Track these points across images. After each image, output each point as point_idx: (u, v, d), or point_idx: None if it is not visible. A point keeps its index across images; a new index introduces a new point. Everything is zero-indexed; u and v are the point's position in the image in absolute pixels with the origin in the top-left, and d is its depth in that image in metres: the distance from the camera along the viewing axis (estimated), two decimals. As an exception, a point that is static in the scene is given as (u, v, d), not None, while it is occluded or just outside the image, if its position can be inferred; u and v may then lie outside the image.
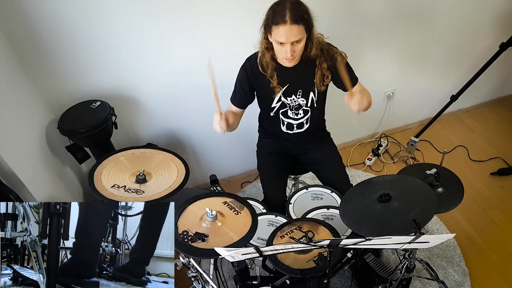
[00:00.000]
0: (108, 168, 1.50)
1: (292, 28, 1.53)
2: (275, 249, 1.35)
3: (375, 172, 2.86)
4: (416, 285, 2.12)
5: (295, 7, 1.53)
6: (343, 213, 1.58)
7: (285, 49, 1.59)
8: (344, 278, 2.15)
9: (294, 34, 1.55)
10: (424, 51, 2.70)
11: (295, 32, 1.54)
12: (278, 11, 1.54)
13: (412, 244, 1.33)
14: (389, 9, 2.37)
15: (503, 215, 2.45)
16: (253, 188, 2.83)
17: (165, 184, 1.47)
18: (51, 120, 2.03)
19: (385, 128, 3.09)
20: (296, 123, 1.91)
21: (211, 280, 1.56)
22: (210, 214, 1.43)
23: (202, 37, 2.09)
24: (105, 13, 1.86)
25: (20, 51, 1.84)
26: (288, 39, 1.56)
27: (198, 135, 2.55)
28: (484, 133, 3.08)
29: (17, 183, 1.58)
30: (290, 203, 1.90)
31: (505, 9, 2.67)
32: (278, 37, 1.57)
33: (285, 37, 1.55)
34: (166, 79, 2.20)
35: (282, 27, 1.53)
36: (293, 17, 1.52)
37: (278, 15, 1.54)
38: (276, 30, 1.56)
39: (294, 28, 1.53)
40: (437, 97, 2.98)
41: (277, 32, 1.56)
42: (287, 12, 1.52)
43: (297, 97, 1.82)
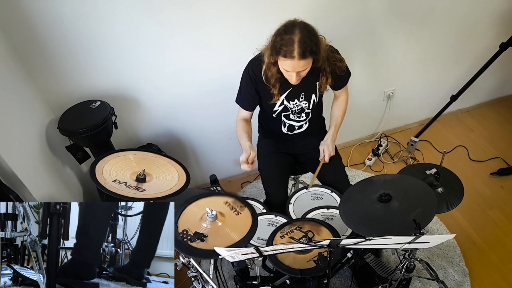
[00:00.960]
0: (110, 165, 1.50)
1: (300, 62, 1.53)
2: (275, 249, 1.35)
3: (375, 172, 2.86)
4: (416, 285, 2.12)
5: (304, 40, 1.48)
6: (342, 211, 1.58)
7: (290, 74, 1.61)
8: (344, 278, 2.15)
9: (301, 66, 1.56)
10: (424, 51, 2.69)
11: (302, 65, 1.55)
12: (287, 43, 1.50)
13: (412, 244, 1.33)
14: (389, 9, 2.37)
15: (503, 215, 2.45)
16: (253, 188, 2.83)
17: (166, 186, 1.47)
18: (51, 120, 2.03)
19: (385, 128, 3.09)
20: (297, 125, 1.92)
21: (211, 280, 1.56)
22: (210, 214, 1.43)
23: (202, 37, 2.08)
24: (105, 13, 1.86)
25: (21, 52, 1.84)
26: (295, 70, 1.57)
27: (198, 135, 2.55)
28: (484, 133, 3.07)
29: (17, 183, 1.58)
30: (290, 203, 1.90)
31: (505, 9, 2.67)
32: (285, 66, 1.58)
33: (292, 69, 1.57)
34: (166, 79, 2.20)
35: (290, 61, 1.53)
36: (301, 53, 1.49)
37: (286, 47, 1.50)
38: (284, 61, 1.56)
39: (301, 62, 1.53)
40: (437, 97, 2.98)
41: (284, 63, 1.57)
42: (295, 47, 1.48)
43: (300, 100, 1.82)
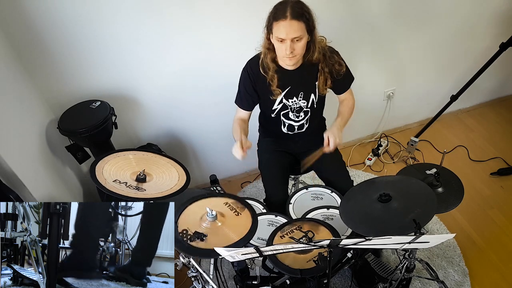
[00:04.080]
0: (110, 164, 1.50)
1: (292, 23, 1.54)
2: (275, 249, 1.35)
3: (375, 172, 2.86)
4: (416, 285, 2.12)
5: (296, 6, 1.56)
6: (342, 210, 1.58)
7: (285, 46, 1.59)
8: (344, 278, 2.15)
9: (294, 30, 1.55)
10: (424, 51, 2.69)
11: (294, 28, 1.55)
12: (280, 9, 1.57)
13: (412, 244, 1.33)
14: (389, 9, 2.37)
15: (503, 215, 2.45)
16: (253, 188, 2.83)
17: (166, 186, 1.47)
18: (51, 120, 2.03)
19: (385, 128, 3.09)
20: (297, 125, 1.92)
21: (211, 280, 1.56)
22: (210, 214, 1.43)
23: (202, 37, 2.09)
24: (105, 13, 1.86)
25: (21, 52, 1.84)
26: (288, 35, 1.56)
27: (198, 135, 2.55)
28: (484, 133, 3.07)
29: (17, 183, 1.58)
30: (290, 203, 1.90)
31: (505, 9, 2.67)
32: (278, 33, 1.58)
33: (285, 32, 1.56)
34: (166, 79, 2.20)
35: (282, 22, 1.54)
36: (294, 13, 1.54)
37: (279, 11, 1.57)
38: (277, 26, 1.57)
39: (294, 23, 1.54)
40: (437, 97, 2.98)
41: (277, 28, 1.57)
42: (288, 8, 1.54)
43: (299, 99, 1.82)
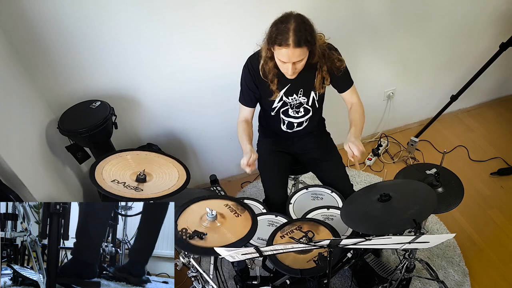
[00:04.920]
0: (111, 164, 1.49)
1: (295, 51, 1.54)
2: (275, 249, 1.35)
3: (375, 172, 2.86)
4: (416, 285, 2.12)
5: (299, 29, 1.51)
6: (344, 212, 1.58)
7: (286, 66, 1.61)
8: (344, 278, 2.15)
9: (297, 56, 1.56)
10: (424, 51, 2.69)
11: (297, 54, 1.56)
12: (282, 31, 1.52)
13: (412, 244, 1.33)
14: (389, 9, 2.37)
15: (503, 215, 2.45)
16: (253, 188, 2.83)
17: (165, 185, 1.46)
18: (51, 120, 2.03)
19: (385, 128, 3.09)
20: (296, 122, 1.92)
21: (211, 280, 1.56)
22: (210, 214, 1.43)
23: (202, 36, 2.09)
24: (105, 13, 1.86)
25: (21, 52, 1.84)
26: (290, 60, 1.58)
27: (198, 135, 2.55)
28: (484, 133, 3.07)
29: (17, 183, 1.58)
30: (290, 203, 1.90)
31: (505, 9, 2.67)
32: (280, 56, 1.59)
33: (287, 58, 1.57)
34: (166, 79, 2.20)
35: (285, 49, 1.54)
36: (297, 41, 1.51)
37: (281, 36, 1.52)
38: (279, 51, 1.57)
39: (296, 51, 1.54)
40: (437, 97, 2.98)
41: (279, 52, 1.58)
42: (290, 35, 1.51)
43: (299, 96, 1.83)
